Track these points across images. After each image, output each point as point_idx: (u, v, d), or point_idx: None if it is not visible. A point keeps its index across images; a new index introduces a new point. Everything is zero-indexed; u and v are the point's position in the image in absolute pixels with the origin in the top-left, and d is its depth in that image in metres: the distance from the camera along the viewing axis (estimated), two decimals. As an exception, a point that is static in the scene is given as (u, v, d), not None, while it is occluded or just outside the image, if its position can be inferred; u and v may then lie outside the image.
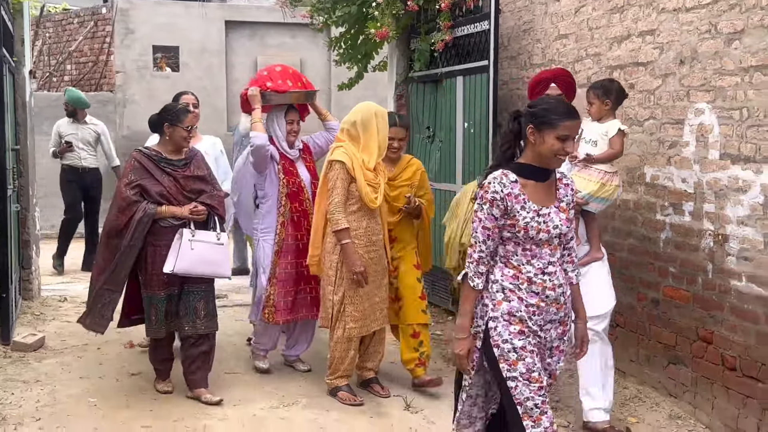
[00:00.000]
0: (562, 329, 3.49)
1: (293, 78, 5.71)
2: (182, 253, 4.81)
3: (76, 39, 13.63)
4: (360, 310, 5.00)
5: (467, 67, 6.85)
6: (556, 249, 3.44)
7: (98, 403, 5.06)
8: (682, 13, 4.90)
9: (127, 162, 5.04)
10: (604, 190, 4.61)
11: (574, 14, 6.01)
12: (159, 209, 4.88)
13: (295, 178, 5.50)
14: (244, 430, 4.65)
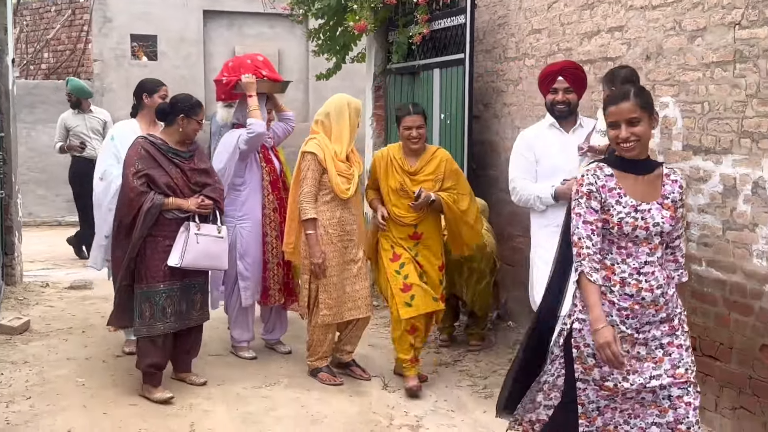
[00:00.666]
0: (668, 327, 3.26)
1: (270, 67, 5.83)
2: (189, 247, 4.75)
3: (54, 27, 13.64)
4: (333, 298, 5.11)
5: (444, 60, 6.99)
6: (656, 248, 3.23)
7: (86, 383, 5.19)
8: (648, 10, 5.06)
9: (132, 149, 4.88)
10: None
11: (547, 10, 6.17)
12: (166, 201, 4.79)
13: (273, 166, 5.67)
14: (228, 407, 4.81)
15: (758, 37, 4.21)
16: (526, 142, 4.79)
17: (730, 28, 4.41)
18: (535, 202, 4.63)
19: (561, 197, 4.45)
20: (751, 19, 4.26)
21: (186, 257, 4.74)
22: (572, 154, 4.59)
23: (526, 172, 4.70)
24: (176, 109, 4.91)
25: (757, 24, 4.21)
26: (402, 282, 5.00)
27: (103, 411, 4.73)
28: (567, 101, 4.65)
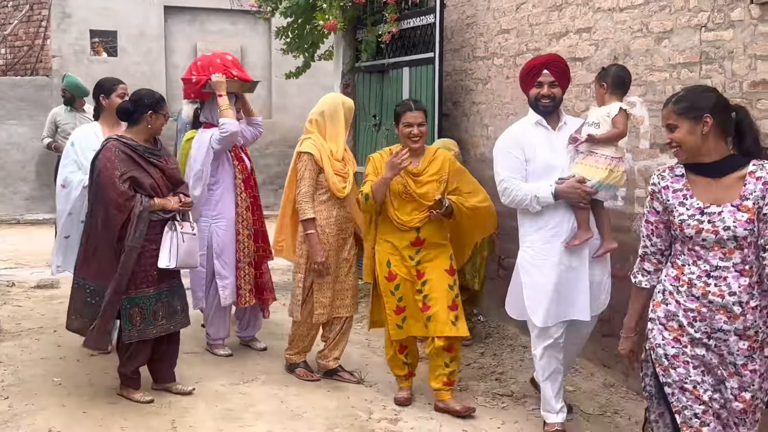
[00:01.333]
0: (747, 344, 3.06)
1: (241, 67, 5.84)
2: (179, 247, 4.71)
3: (11, 23, 13.44)
4: (327, 296, 5.13)
5: (413, 59, 7.09)
6: (731, 253, 3.05)
7: (62, 382, 5.19)
8: (616, 12, 5.22)
9: (107, 152, 4.66)
10: (612, 177, 4.28)
11: (516, 10, 6.31)
12: (151, 202, 4.70)
13: (244, 164, 5.71)
14: (207, 404, 4.86)
15: (723, 39, 4.38)
16: (514, 140, 4.52)
17: (697, 31, 4.56)
18: (532, 203, 4.35)
19: (562, 197, 4.30)
20: (717, 21, 4.42)
21: (180, 257, 4.72)
22: (562, 152, 4.44)
23: (516, 171, 4.44)
24: (142, 105, 4.75)
25: (723, 27, 4.38)
26: (396, 304, 4.79)
27: (83, 410, 4.74)
28: (552, 95, 4.44)
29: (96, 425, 4.54)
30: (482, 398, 5.05)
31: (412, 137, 4.73)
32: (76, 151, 5.37)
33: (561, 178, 4.32)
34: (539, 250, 4.38)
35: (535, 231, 4.42)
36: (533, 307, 4.39)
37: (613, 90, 4.33)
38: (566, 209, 4.34)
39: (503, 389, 5.20)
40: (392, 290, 4.79)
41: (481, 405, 4.92)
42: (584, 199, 4.27)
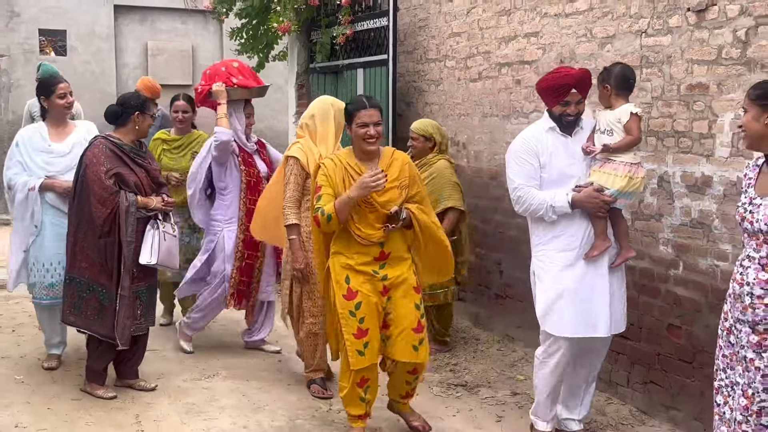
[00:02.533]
0: (757, 339, 3.08)
1: (250, 74, 5.75)
2: (160, 245, 4.79)
3: (-43, 21, 13.28)
4: (318, 306, 4.91)
5: (367, 60, 7.26)
6: (760, 246, 3.09)
7: (25, 380, 5.24)
8: (562, 18, 5.43)
9: (95, 148, 4.80)
10: (632, 184, 4.07)
11: (466, 14, 6.48)
12: (136, 199, 4.79)
13: (253, 170, 5.65)
14: (171, 399, 4.95)
15: (662, 44, 4.62)
16: (528, 146, 4.23)
17: (637, 36, 4.79)
18: (547, 212, 4.11)
19: (579, 206, 4.08)
20: (656, 27, 4.66)
21: (160, 255, 4.78)
22: (578, 158, 4.21)
23: (531, 179, 4.18)
24: (128, 107, 4.86)
25: (662, 33, 4.61)
26: (357, 326, 4.14)
27: (47, 406, 4.80)
28: (578, 112, 4.21)
29: (61, 421, 4.60)
30: (438, 388, 5.22)
31: (367, 138, 4.16)
32: (21, 152, 5.28)
33: (578, 186, 4.13)
34: (553, 259, 4.17)
35: (549, 240, 4.20)
36: (543, 314, 4.20)
37: (618, 91, 4.16)
38: (582, 218, 4.13)
39: (457, 380, 5.39)
40: (352, 310, 4.16)
41: (437, 395, 5.11)
42: (603, 208, 4.08)
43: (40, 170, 5.23)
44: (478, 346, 6.08)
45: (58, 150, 5.30)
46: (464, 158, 6.65)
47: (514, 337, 6.13)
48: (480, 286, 6.62)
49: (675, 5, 4.54)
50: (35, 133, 5.35)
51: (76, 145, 5.27)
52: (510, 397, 5.13)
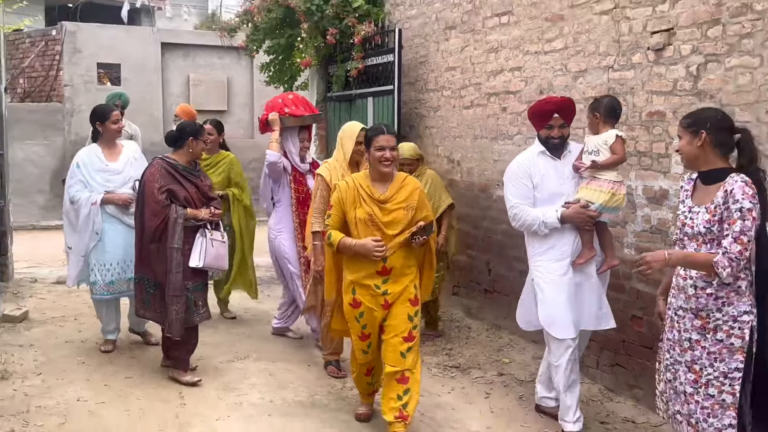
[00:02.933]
0: (700, 323, 3.13)
1: (303, 103, 5.64)
2: (208, 250, 4.78)
3: (28, 57, 13.40)
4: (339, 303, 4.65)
5: (376, 90, 7.28)
6: (700, 246, 3.14)
7: (85, 361, 5.29)
8: (541, 55, 5.47)
9: (151, 167, 4.84)
10: (615, 200, 4.02)
11: (460, 52, 6.53)
12: (185, 212, 4.77)
13: (303, 187, 5.53)
14: (209, 378, 4.98)
15: (626, 78, 4.68)
16: (522, 169, 4.22)
17: (605, 71, 4.85)
18: (540, 227, 4.10)
19: (567, 221, 4.06)
20: (621, 63, 4.72)
21: (206, 259, 4.78)
22: (567, 179, 4.18)
23: (525, 198, 4.17)
24: (185, 133, 4.88)
25: (626, 68, 4.67)
26: (360, 330, 4.12)
27: (104, 383, 4.86)
28: (561, 135, 4.18)
29: (116, 395, 4.66)
30: (435, 369, 5.26)
31: (383, 161, 4.00)
32: (82, 172, 5.30)
33: (567, 203, 4.10)
34: (550, 269, 4.13)
35: (544, 251, 4.16)
36: (550, 321, 4.13)
37: (606, 119, 4.11)
38: (572, 231, 4.10)
39: (452, 362, 5.43)
40: (357, 317, 4.11)
41: (435, 375, 5.14)
42: (588, 222, 4.06)
43: (100, 187, 5.29)
44: (470, 334, 6.12)
45: (114, 168, 5.36)
46: (458, 174, 6.69)
47: (500, 326, 6.16)
48: (471, 282, 6.65)
49: (637, 45, 4.59)
50: (92, 155, 5.37)
51: (128, 163, 5.40)
52: (497, 377, 5.15)
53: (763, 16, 3.79)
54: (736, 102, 3.95)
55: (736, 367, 3.05)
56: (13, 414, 4.29)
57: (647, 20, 4.50)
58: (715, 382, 3.08)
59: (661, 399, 3.40)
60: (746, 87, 3.90)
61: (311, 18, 7.58)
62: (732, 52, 3.96)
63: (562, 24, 5.26)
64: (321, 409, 4.51)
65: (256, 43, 8.43)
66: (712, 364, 3.09)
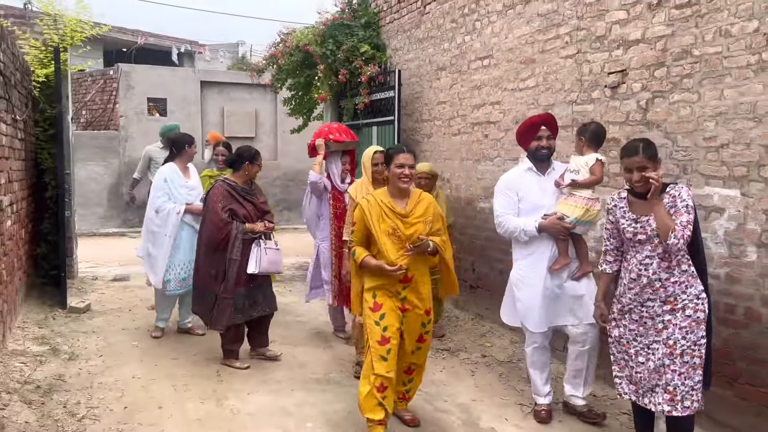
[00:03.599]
0: (669, 307, 3.16)
1: (345, 131, 5.46)
2: (261, 258, 4.72)
3: (90, 92, 13.47)
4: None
5: (380, 120, 7.30)
6: (657, 246, 3.18)
7: (139, 345, 5.32)
8: (517, 92, 5.50)
9: (215, 189, 4.77)
10: (588, 215, 3.87)
11: (449, 89, 6.56)
12: (244, 227, 4.73)
13: (341, 204, 5.30)
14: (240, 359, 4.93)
15: (587, 110, 4.70)
16: (507, 183, 4.09)
17: (570, 105, 4.87)
18: (520, 234, 3.98)
19: (543, 230, 3.93)
20: (583, 98, 4.75)
21: (261, 265, 4.73)
22: (549, 193, 4.02)
23: (510, 208, 4.04)
24: (242, 158, 4.79)
25: (587, 102, 4.70)
26: (380, 334, 3.61)
27: (155, 363, 4.88)
28: (549, 146, 4.02)
29: (165, 374, 4.68)
30: (429, 352, 5.13)
31: (402, 178, 3.69)
32: (169, 186, 5.32)
33: (545, 215, 3.95)
34: (528, 271, 4.01)
35: (524, 256, 4.04)
36: (526, 316, 4.04)
37: (590, 143, 3.96)
38: (549, 240, 3.96)
39: (443, 346, 5.42)
40: (377, 321, 3.64)
41: (429, 357, 4.98)
42: (562, 233, 3.90)
43: (182, 199, 5.33)
44: (458, 323, 6.13)
45: (190, 185, 5.44)
46: (448, 189, 6.70)
47: (483, 316, 6.16)
48: (459, 279, 6.52)
49: (596, 83, 4.62)
50: (174, 173, 5.38)
51: (198, 182, 5.57)
52: (480, 358, 5.16)
53: (700, 60, 3.83)
54: (678, 131, 3.98)
55: (701, 335, 3.13)
56: (79, 389, 4.32)
57: (605, 63, 4.53)
58: (688, 350, 3.12)
59: (627, 381, 3.36)
60: (687, 118, 3.94)
61: (326, 61, 7.63)
62: (675, 90, 4.00)
63: (534, 66, 5.29)
64: (335, 385, 4.52)
65: (280, 81, 8.47)
66: (684, 336, 3.12)
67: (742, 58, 3.59)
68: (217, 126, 13.36)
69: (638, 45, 4.24)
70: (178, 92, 13.15)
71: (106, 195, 12.73)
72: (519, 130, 4.15)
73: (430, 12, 6.89)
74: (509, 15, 5.58)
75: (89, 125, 13.52)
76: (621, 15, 4.38)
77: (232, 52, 20.24)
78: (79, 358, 4.92)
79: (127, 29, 17.32)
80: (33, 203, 6.80)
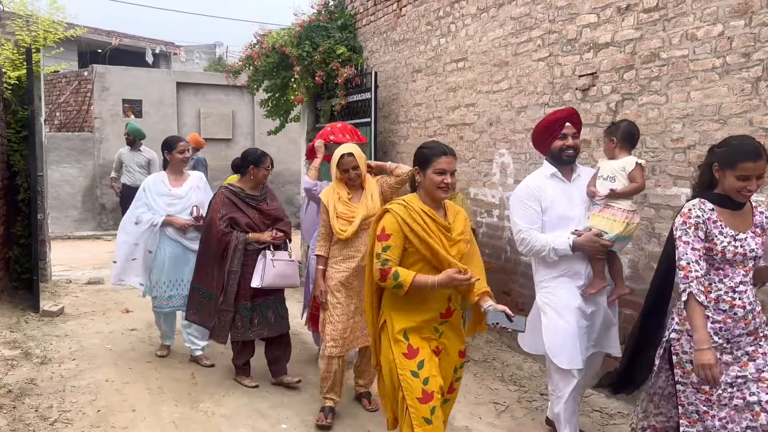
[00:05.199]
0: (752, 338, 2.68)
1: (350, 132, 4.89)
2: (267, 271, 4.26)
3: (64, 93, 13.29)
4: (338, 330, 3.83)
5: (357, 122, 7.16)
6: (750, 270, 2.68)
7: (113, 348, 5.26)
8: (491, 94, 5.54)
9: (216, 197, 4.39)
10: (628, 230, 3.30)
11: (425, 91, 6.59)
12: (247, 237, 4.32)
13: None
14: (216, 362, 4.89)
15: (559, 113, 4.78)
16: (530, 192, 3.44)
17: (542, 107, 4.92)
18: (549, 253, 3.34)
19: (579, 249, 3.30)
20: (555, 101, 4.80)
21: (265, 279, 4.27)
22: (577, 203, 3.43)
23: (533, 222, 3.40)
24: (246, 161, 4.37)
25: (559, 104, 4.74)
26: (421, 388, 2.71)
27: (128, 367, 4.83)
28: (575, 146, 3.44)
29: (139, 376, 4.65)
30: None
31: (442, 186, 2.83)
32: (147, 195, 4.85)
33: (577, 231, 3.33)
34: (557, 296, 3.38)
35: (552, 278, 3.41)
36: (555, 350, 3.34)
37: (623, 144, 3.42)
38: (582, 258, 3.36)
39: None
40: (414, 370, 2.74)
41: None
42: (601, 252, 3.30)
43: (161, 210, 4.81)
44: (434, 323, 6.13)
45: (176, 194, 4.86)
46: (424, 191, 6.70)
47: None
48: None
49: (567, 86, 4.69)
50: (158, 181, 4.91)
51: (191, 190, 4.89)
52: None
53: (667, 63, 3.92)
54: (646, 132, 4.06)
55: None
56: (51, 393, 4.27)
57: (576, 66, 4.59)
58: None
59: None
60: (655, 120, 4.02)
61: (302, 63, 7.62)
62: (643, 92, 4.08)
63: (507, 69, 5.34)
64: (311, 386, 4.50)
65: (257, 83, 8.43)
66: None
67: (708, 61, 3.68)
68: (194, 128, 13.25)
69: (608, 48, 4.32)
70: (153, 93, 13.02)
71: (81, 197, 12.56)
72: (538, 130, 3.51)
73: (406, 15, 6.92)
74: (483, 18, 5.64)
75: (63, 127, 13.34)
76: (591, 18, 4.45)
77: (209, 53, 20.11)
78: (51, 362, 4.86)
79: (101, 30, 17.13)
80: (5, 206, 6.70)
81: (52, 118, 13.38)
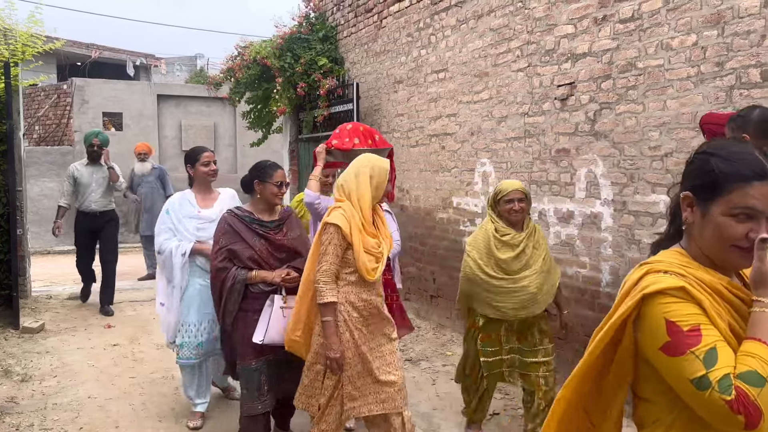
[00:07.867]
0: None
1: (361, 135, 4.12)
2: (273, 322, 3.28)
3: (43, 107, 13.16)
4: (358, 387, 3.03)
5: None
6: None
7: (94, 365, 5.19)
8: (471, 104, 5.60)
9: (219, 224, 3.50)
10: None
11: (407, 101, 6.64)
12: (250, 274, 3.37)
13: None
14: None
15: (539, 122, 4.81)
16: None
17: (522, 116, 4.98)
18: None
19: None
20: (534, 110, 4.87)
21: (269, 334, 3.27)
22: None
23: None
24: (251, 176, 3.51)
25: (538, 114, 4.82)
26: None
27: (111, 383, 4.78)
28: None
29: (122, 392, 4.60)
30: None
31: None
32: (172, 219, 3.96)
33: None
34: None
35: None
36: None
37: (759, 140, 2.45)
38: None
39: (405, 356, 5.42)
40: None
41: None
42: None
43: (190, 235, 3.93)
44: (420, 332, 6.15)
45: (206, 216, 3.97)
46: (407, 200, 6.77)
47: (444, 325, 6.21)
48: (419, 289, 6.71)
49: (546, 96, 4.75)
50: (185, 201, 4.01)
51: (223, 211, 3.72)
52: (441, 367, 5.18)
53: (644, 72, 3.99)
54: (624, 140, 4.12)
55: None
56: (33, 410, 4.21)
57: (554, 76, 4.65)
58: None
59: None
60: (632, 128, 4.08)
61: (284, 74, 7.63)
62: (621, 101, 4.14)
63: (487, 79, 5.40)
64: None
65: (238, 95, 8.44)
66: None
67: (683, 71, 3.75)
68: (176, 140, 13.21)
69: (585, 58, 4.38)
70: (134, 106, 12.95)
71: (61, 212, 12.41)
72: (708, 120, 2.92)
73: (387, 26, 6.97)
74: (463, 29, 5.70)
75: (42, 141, 13.19)
76: (569, 29, 4.52)
77: (190, 65, 20.04)
78: (32, 380, 4.79)
79: (81, 43, 16.99)
80: (-17, 222, 6.61)
81: (31, 132, 13.23)
